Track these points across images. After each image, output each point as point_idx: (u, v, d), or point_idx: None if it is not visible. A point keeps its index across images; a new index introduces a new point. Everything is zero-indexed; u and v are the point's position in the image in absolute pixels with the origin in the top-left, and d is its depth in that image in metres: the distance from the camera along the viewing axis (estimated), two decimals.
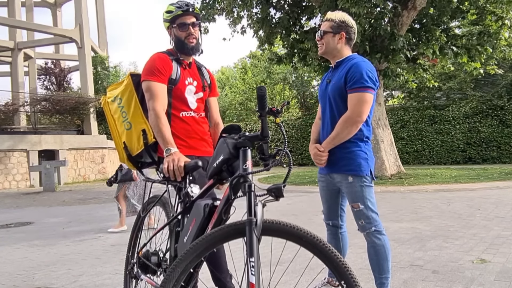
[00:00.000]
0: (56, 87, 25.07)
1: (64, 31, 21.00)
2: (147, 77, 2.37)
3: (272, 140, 21.13)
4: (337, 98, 2.54)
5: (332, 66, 2.70)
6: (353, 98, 2.46)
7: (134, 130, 2.42)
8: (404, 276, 3.17)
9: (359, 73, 2.45)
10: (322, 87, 2.74)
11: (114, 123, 2.52)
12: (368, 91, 2.45)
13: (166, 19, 2.48)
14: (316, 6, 10.68)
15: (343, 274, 1.49)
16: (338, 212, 2.75)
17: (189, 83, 2.50)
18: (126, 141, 2.45)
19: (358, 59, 2.56)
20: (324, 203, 2.79)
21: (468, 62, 11.57)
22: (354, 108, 2.44)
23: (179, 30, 2.44)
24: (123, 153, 2.46)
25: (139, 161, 2.46)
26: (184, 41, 2.45)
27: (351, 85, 2.46)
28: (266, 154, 1.73)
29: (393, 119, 17.55)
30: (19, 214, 8.71)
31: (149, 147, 2.39)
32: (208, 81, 2.64)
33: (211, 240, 1.58)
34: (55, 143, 17.49)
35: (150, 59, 2.44)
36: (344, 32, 2.61)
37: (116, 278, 3.55)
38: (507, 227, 4.73)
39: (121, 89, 2.51)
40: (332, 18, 2.64)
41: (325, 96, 2.65)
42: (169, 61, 2.43)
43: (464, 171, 12.11)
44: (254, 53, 31.87)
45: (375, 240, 2.50)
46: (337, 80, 2.55)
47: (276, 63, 13.45)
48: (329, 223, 2.78)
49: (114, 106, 2.51)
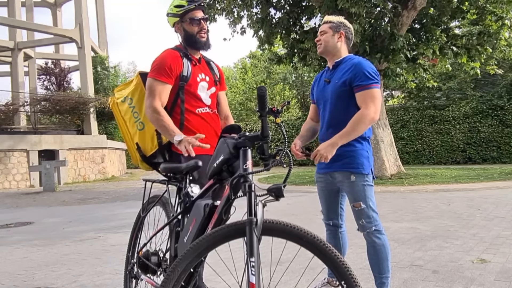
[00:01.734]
0: (56, 87, 25.06)
1: (64, 31, 21.00)
2: (153, 74, 2.35)
3: (272, 140, 21.13)
4: (338, 98, 2.54)
5: (328, 66, 2.71)
6: (364, 95, 2.47)
7: (147, 130, 2.40)
8: (404, 276, 3.17)
9: (364, 71, 2.48)
10: (319, 87, 2.73)
11: (125, 124, 2.51)
12: (376, 86, 2.49)
13: (175, 14, 2.42)
14: (316, 6, 10.68)
15: (343, 274, 1.50)
16: (338, 212, 2.75)
17: (201, 79, 2.45)
18: (139, 142, 2.43)
19: (358, 58, 2.59)
20: (323, 203, 2.79)
21: (468, 62, 11.57)
22: (370, 105, 2.44)
23: (191, 24, 2.40)
24: (136, 155, 2.44)
25: (153, 161, 2.43)
26: (196, 36, 2.41)
27: (359, 83, 2.47)
28: (266, 154, 1.73)
29: (393, 119, 17.54)
30: (19, 214, 8.71)
31: (164, 147, 2.38)
32: (218, 75, 2.60)
33: (211, 240, 1.58)
34: (55, 143, 17.49)
35: (160, 56, 2.40)
36: (343, 31, 2.65)
37: (116, 278, 3.55)
38: (507, 227, 4.73)
39: (131, 89, 2.49)
40: (330, 20, 2.69)
41: (325, 96, 2.65)
42: (179, 59, 2.39)
43: (464, 171, 12.10)
44: (254, 53, 31.89)
45: (375, 239, 2.50)
46: (338, 80, 2.55)
47: (276, 63, 13.43)
48: (329, 223, 2.77)
49: (125, 107, 2.49)
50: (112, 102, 2.57)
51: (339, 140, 2.44)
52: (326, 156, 2.41)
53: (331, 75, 2.64)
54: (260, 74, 29.84)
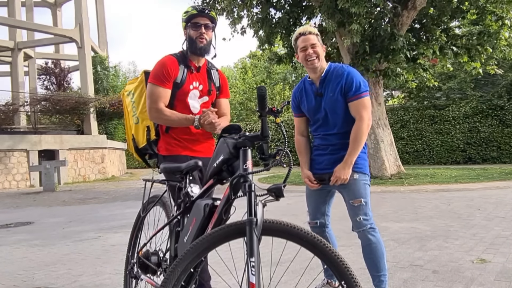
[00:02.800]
0: (56, 87, 25.06)
1: (64, 31, 21.00)
2: (152, 80, 2.46)
3: (272, 140, 21.13)
4: (334, 110, 2.60)
5: (311, 79, 2.69)
6: (357, 105, 2.57)
7: (140, 125, 2.61)
8: (404, 276, 3.17)
9: (357, 81, 2.58)
10: (309, 101, 2.70)
11: (128, 115, 2.73)
12: (367, 95, 2.62)
13: (183, 19, 2.54)
14: (316, 6, 10.67)
15: (343, 274, 1.50)
16: (325, 212, 2.79)
17: (194, 88, 2.52)
18: (134, 134, 2.65)
19: (347, 68, 2.65)
20: (312, 202, 2.81)
21: (468, 62, 11.56)
22: (364, 114, 2.56)
23: (192, 29, 2.48)
24: (132, 144, 2.67)
25: (144, 153, 2.65)
26: (195, 40, 2.48)
27: (353, 93, 2.56)
28: (266, 154, 1.73)
29: (393, 119, 17.53)
30: (19, 214, 8.71)
31: (151, 143, 2.57)
32: (217, 83, 2.65)
33: (211, 240, 1.58)
34: (55, 143, 17.48)
35: (158, 62, 2.50)
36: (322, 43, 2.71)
37: (116, 278, 3.55)
38: (507, 227, 4.73)
39: (135, 84, 2.69)
40: (312, 31, 2.66)
41: (319, 109, 2.66)
42: (177, 65, 2.48)
43: (464, 171, 12.10)
44: (254, 53, 31.87)
45: (370, 237, 2.55)
46: (333, 92, 2.59)
47: (276, 63, 13.43)
48: (315, 223, 2.79)
49: (128, 100, 2.70)
50: (122, 93, 2.81)
51: (350, 159, 2.56)
52: (345, 179, 2.54)
53: (323, 88, 2.64)
54: (260, 74, 29.84)
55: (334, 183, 2.56)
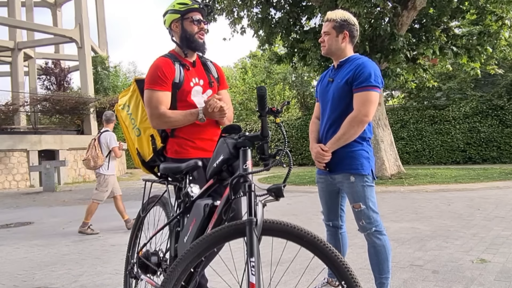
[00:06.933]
0: (56, 87, 25.04)
1: (64, 31, 20.99)
2: (149, 86, 2.32)
3: (272, 140, 21.12)
4: (340, 97, 2.53)
5: (334, 65, 2.68)
6: (359, 97, 2.45)
7: (143, 136, 2.43)
8: (404, 276, 3.17)
9: (366, 72, 2.44)
10: (323, 86, 2.71)
11: (127, 130, 2.55)
12: (375, 90, 2.45)
13: (177, 10, 2.38)
14: (316, 6, 10.68)
15: (343, 274, 1.50)
16: (338, 213, 2.74)
17: (195, 84, 2.42)
18: (138, 147, 2.46)
19: (363, 59, 2.55)
20: (324, 204, 2.78)
21: (468, 63, 11.56)
22: (361, 108, 2.43)
23: (192, 24, 2.38)
24: (138, 159, 2.49)
25: (152, 165, 2.47)
26: (194, 36, 2.39)
27: (358, 84, 2.44)
28: (266, 154, 1.73)
29: (393, 119, 17.53)
30: (19, 214, 8.70)
31: (158, 152, 2.40)
32: (215, 75, 2.56)
33: (211, 240, 1.58)
34: (55, 143, 17.47)
35: (152, 65, 2.37)
36: (347, 30, 2.58)
37: (116, 278, 3.55)
38: (507, 227, 4.73)
39: (129, 95, 2.52)
40: (333, 18, 2.60)
41: (327, 95, 2.62)
42: (171, 65, 2.35)
43: (464, 171, 12.10)
44: (254, 53, 31.84)
45: (376, 240, 2.50)
46: (341, 79, 2.53)
47: (276, 63, 13.43)
48: (329, 224, 2.77)
49: (124, 114, 2.53)
50: (116, 108, 2.63)
51: (331, 146, 2.50)
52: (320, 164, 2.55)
53: (335, 75, 2.62)
54: (260, 74, 29.80)
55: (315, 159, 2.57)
